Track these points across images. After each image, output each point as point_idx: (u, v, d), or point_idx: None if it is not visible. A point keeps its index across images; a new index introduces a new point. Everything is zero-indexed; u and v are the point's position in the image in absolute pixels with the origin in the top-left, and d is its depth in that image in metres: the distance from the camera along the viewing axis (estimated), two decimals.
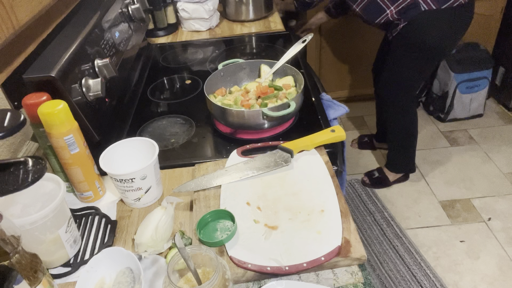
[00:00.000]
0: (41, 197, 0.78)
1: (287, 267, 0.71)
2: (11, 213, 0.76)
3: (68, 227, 0.77)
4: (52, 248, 0.75)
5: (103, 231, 0.86)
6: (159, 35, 1.77)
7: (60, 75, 0.86)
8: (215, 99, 1.14)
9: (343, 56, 2.65)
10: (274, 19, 1.87)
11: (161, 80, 1.44)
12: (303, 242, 0.75)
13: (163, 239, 0.79)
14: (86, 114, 0.93)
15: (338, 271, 0.73)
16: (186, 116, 1.21)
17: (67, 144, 0.83)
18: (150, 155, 0.87)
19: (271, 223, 0.79)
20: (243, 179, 0.91)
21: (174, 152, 1.07)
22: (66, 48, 0.95)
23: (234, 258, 0.73)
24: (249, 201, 0.85)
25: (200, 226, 0.80)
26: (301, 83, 1.11)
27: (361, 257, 0.72)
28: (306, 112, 1.16)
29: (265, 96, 1.11)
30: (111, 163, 0.87)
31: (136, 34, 1.38)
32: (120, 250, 0.74)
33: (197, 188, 0.90)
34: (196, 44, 1.70)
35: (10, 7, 0.80)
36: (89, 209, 0.91)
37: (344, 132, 0.99)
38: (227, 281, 0.63)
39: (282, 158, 0.94)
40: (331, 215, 0.79)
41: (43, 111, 0.80)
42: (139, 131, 1.16)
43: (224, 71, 1.21)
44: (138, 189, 0.87)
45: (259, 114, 1.02)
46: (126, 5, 1.35)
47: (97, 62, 1.03)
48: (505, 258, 1.84)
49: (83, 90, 0.94)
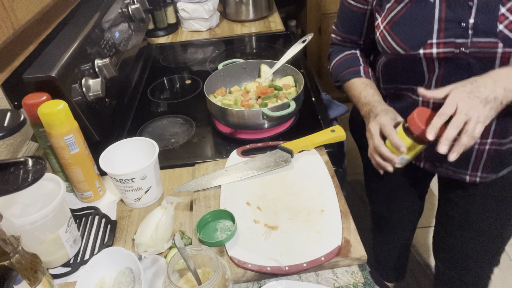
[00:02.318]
0: (41, 197, 0.78)
1: (287, 267, 0.71)
2: (11, 213, 0.76)
3: (68, 227, 0.77)
4: (52, 248, 0.75)
5: (103, 231, 0.86)
6: (159, 35, 1.77)
7: (60, 75, 0.86)
8: (215, 99, 1.14)
9: None
10: (274, 19, 1.87)
11: (161, 80, 1.44)
12: (303, 242, 0.75)
13: (163, 239, 0.79)
14: (86, 114, 0.93)
15: (338, 271, 0.73)
16: (186, 116, 1.21)
17: (67, 144, 0.83)
18: (150, 155, 0.87)
19: (271, 223, 0.79)
20: (243, 179, 0.91)
21: (174, 152, 1.07)
22: (66, 48, 0.95)
23: (234, 258, 0.73)
24: (249, 201, 0.85)
25: (200, 226, 0.80)
26: (301, 83, 1.11)
27: (361, 257, 0.72)
28: (306, 112, 1.16)
29: (265, 96, 1.11)
30: (111, 163, 0.87)
31: (136, 34, 1.38)
32: (120, 250, 0.74)
33: (197, 188, 0.90)
34: (196, 44, 1.70)
35: (10, 7, 0.80)
36: (89, 209, 0.91)
37: (344, 132, 0.99)
38: (227, 281, 0.63)
39: (282, 158, 0.94)
40: (331, 215, 0.79)
41: (43, 111, 0.79)
42: (139, 131, 1.16)
43: (224, 71, 1.21)
44: (138, 189, 0.87)
45: (259, 114, 1.02)
46: (126, 5, 1.35)
47: (97, 62, 1.03)
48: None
49: (83, 90, 0.94)
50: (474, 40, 0.79)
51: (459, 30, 0.79)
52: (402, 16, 0.85)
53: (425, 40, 0.82)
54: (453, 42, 0.81)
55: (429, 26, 0.82)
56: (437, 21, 0.81)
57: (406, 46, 0.84)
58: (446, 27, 0.81)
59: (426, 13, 0.82)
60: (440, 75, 0.86)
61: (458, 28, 0.79)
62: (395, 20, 0.86)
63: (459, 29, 0.79)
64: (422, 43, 0.83)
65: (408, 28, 0.84)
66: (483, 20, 0.77)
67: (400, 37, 0.85)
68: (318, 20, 2.45)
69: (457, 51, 0.81)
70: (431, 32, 0.82)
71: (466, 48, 0.80)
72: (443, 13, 0.81)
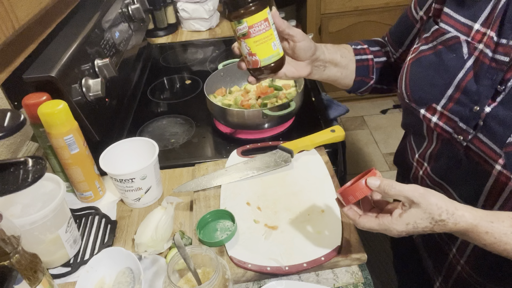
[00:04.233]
0: (41, 197, 0.78)
1: (287, 267, 0.71)
2: (11, 213, 0.76)
3: (68, 227, 0.77)
4: (52, 248, 0.75)
5: (103, 231, 0.86)
6: (159, 35, 1.77)
7: (60, 75, 0.86)
8: (215, 99, 1.14)
9: None
10: None
11: (161, 80, 1.44)
12: (303, 242, 0.75)
13: (163, 239, 0.79)
14: (86, 114, 0.93)
15: (338, 271, 0.73)
16: (186, 116, 1.21)
17: (67, 144, 0.83)
18: (150, 155, 0.87)
19: (271, 223, 0.79)
20: (243, 179, 0.91)
21: (174, 152, 1.07)
22: (66, 48, 0.95)
23: (234, 258, 0.73)
24: (249, 201, 0.85)
25: (200, 226, 0.80)
26: (301, 83, 1.11)
27: (361, 257, 0.72)
28: (306, 112, 1.16)
29: (265, 96, 1.11)
30: (111, 163, 0.87)
31: (136, 34, 1.38)
32: (120, 250, 0.74)
33: (197, 188, 0.90)
34: (196, 44, 1.69)
35: (10, 7, 0.80)
36: (89, 209, 0.91)
37: (344, 132, 0.99)
38: (227, 281, 0.63)
39: (282, 158, 0.94)
40: (331, 215, 0.79)
41: (43, 111, 0.79)
42: (139, 131, 1.16)
43: (224, 71, 1.21)
44: (138, 189, 0.87)
45: (259, 114, 1.02)
46: (126, 5, 1.35)
47: (97, 62, 1.03)
48: None
49: (83, 90, 0.94)
50: (477, 136, 0.61)
51: (468, 113, 0.62)
52: (425, 58, 0.69)
53: (431, 101, 0.67)
54: (456, 123, 0.64)
55: (444, 86, 0.65)
56: (455, 84, 0.64)
57: (411, 96, 0.70)
58: (460, 100, 0.63)
59: (451, 67, 0.65)
60: (436, 149, 0.71)
61: (468, 110, 0.62)
62: (419, 57, 0.70)
63: (469, 112, 0.62)
64: (427, 102, 0.67)
65: (423, 74, 0.69)
66: (501, 116, 0.58)
67: (411, 81, 0.70)
68: (318, 20, 2.45)
69: (455, 136, 0.65)
70: (442, 94, 0.65)
71: (465, 140, 0.63)
72: (467, 79, 0.62)
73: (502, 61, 0.58)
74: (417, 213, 0.56)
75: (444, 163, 0.69)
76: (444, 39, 0.67)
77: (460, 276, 0.74)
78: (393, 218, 0.58)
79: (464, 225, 0.55)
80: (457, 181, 0.67)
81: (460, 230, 0.56)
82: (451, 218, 0.55)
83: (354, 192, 0.61)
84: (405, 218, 0.56)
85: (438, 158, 0.71)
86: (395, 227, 0.57)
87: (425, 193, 0.56)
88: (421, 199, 0.55)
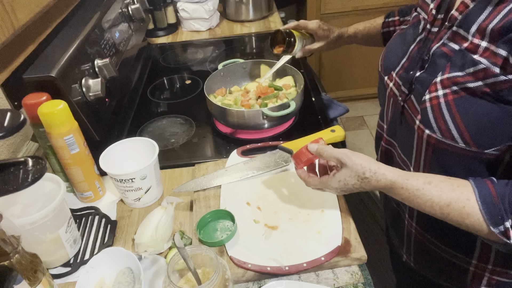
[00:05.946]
0: (41, 197, 0.78)
1: (287, 267, 0.71)
2: (11, 213, 0.76)
3: (68, 227, 0.77)
4: (52, 248, 0.75)
5: (103, 231, 0.86)
6: (159, 35, 1.77)
7: (60, 75, 0.86)
8: (215, 99, 1.14)
9: (343, 56, 2.65)
10: (274, 19, 1.87)
11: (161, 80, 1.44)
12: (303, 242, 0.75)
13: (163, 239, 0.79)
14: (86, 114, 0.93)
15: (338, 271, 0.73)
16: (186, 116, 1.21)
17: (67, 144, 0.83)
18: (150, 155, 0.87)
19: (271, 223, 0.79)
20: (243, 179, 0.91)
21: (174, 152, 1.07)
22: (66, 48, 0.95)
23: (234, 258, 0.73)
24: (249, 201, 0.85)
25: (200, 226, 0.80)
26: (301, 83, 1.11)
27: (361, 257, 0.72)
28: (306, 112, 1.16)
29: (265, 96, 1.11)
30: (111, 163, 0.87)
31: (136, 34, 1.38)
32: (120, 250, 0.74)
33: (197, 188, 0.90)
34: (196, 44, 1.70)
35: (10, 7, 0.80)
36: (89, 209, 0.91)
37: (344, 132, 0.99)
38: (227, 281, 0.63)
39: (282, 158, 0.94)
40: (331, 215, 0.79)
41: (43, 111, 0.79)
42: (139, 131, 1.16)
43: (224, 71, 1.21)
44: (138, 189, 0.87)
45: (259, 114, 1.02)
46: (126, 5, 1.35)
47: (97, 62, 1.03)
48: None
49: (83, 90, 0.94)
50: (410, 97, 0.69)
51: (407, 77, 0.71)
52: (399, 34, 0.79)
53: (391, 69, 0.76)
54: (400, 87, 0.73)
55: (401, 57, 0.74)
56: (407, 55, 0.73)
57: (382, 65, 0.79)
58: (406, 67, 0.72)
59: (409, 41, 0.74)
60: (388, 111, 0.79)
61: (408, 75, 0.71)
62: (398, 33, 0.80)
63: (408, 76, 0.71)
64: (390, 70, 0.76)
65: (393, 47, 0.78)
66: (422, 79, 0.66)
67: (385, 52, 0.80)
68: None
69: (399, 98, 0.73)
70: (399, 63, 0.74)
71: (403, 100, 0.71)
72: (414, 49, 0.72)
73: (433, 31, 0.69)
74: (346, 172, 0.67)
75: (392, 124, 0.78)
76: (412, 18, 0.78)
77: (416, 240, 0.81)
78: (329, 176, 0.70)
79: (384, 181, 0.65)
80: (400, 138, 0.77)
81: (382, 186, 0.65)
82: (373, 176, 0.65)
83: (299, 156, 0.74)
84: (337, 176, 0.68)
85: (390, 120, 0.80)
86: (331, 184, 0.70)
87: (351, 155, 0.67)
88: (348, 160, 0.67)
